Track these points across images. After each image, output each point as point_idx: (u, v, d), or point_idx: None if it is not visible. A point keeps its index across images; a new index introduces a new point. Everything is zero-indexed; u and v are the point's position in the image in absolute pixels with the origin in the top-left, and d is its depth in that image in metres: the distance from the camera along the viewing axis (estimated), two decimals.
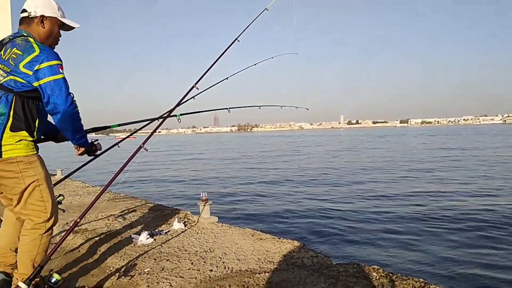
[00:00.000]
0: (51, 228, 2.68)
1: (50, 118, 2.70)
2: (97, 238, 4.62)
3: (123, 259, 3.87)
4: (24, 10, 2.63)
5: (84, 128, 2.87)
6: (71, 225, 2.86)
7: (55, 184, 4.61)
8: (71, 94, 2.55)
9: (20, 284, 2.34)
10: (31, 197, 2.58)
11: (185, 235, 4.67)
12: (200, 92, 4.50)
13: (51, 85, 2.45)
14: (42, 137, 2.83)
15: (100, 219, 5.64)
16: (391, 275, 3.29)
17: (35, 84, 2.45)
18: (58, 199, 3.97)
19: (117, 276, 3.41)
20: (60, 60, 2.54)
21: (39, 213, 2.61)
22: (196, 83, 3.18)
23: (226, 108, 4.67)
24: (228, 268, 3.52)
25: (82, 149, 2.91)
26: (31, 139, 2.56)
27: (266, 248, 4.06)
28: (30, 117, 2.55)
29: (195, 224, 5.18)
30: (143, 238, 4.44)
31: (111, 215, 5.89)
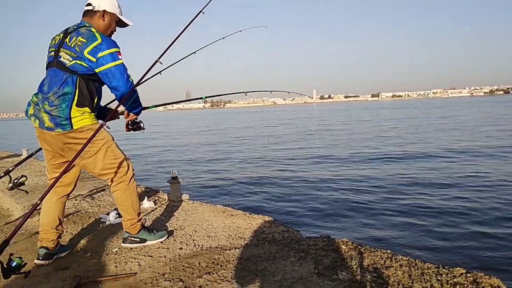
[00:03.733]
0: (132, 176, 3.33)
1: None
2: (64, 219, 4.48)
3: (91, 240, 3.80)
4: (89, 4, 3.03)
5: None
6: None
7: (18, 164, 4.48)
8: (130, 77, 2.96)
9: None
10: (106, 158, 3.09)
11: (155, 214, 4.61)
12: (167, 67, 4.39)
13: (112, 70, 2.85)
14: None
15: (68, 199, 5.49)
16: (359, 247, 3.33)
17: (98, 70, 2.85)
18: (20, 180, 3.83)
19: (84, 257, 3.35)
20: (118, 48, 2.93)
21: (117, 169, 3.17)
22: (159, 58, 3.05)
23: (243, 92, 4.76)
24: (198, 245, 3.49)
25: (132, 116, 3.35)
26: (93, 113, 3.01)
27: (237, 224, 4.06)
28: (91, 95, 2.98)
29: (165, 203, 5.11)
30: (112, 218, 4.36)
31: (79, 195, 5.76)
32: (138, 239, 3.46)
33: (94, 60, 2.82)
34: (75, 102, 2.86)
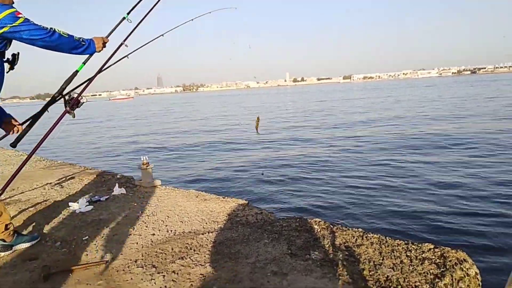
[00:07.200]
0: None
1: None
2: (32, 209, 4.39)
3: (60, 229, 3.70)
4: None
5: None
6: None
7: None
8: (41, 25, 2.68)
9: None
10: None
11: (126, 200, 4.53)
12: (134, 51, 4.27)
13: (19, 28, 2.60)
14: None
15: (35, 188, 5.36)
16: (332, 226, 3.38)
17: (1, 32, 2.59)
18: None
19: (53, 247, 3.27)
20: (15, 8, 2.66)
21: None
22: (124, 40, 2.96)
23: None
24: (171, 231, 3.46)
25: (100, 46, 2.99)
26: None
27: (211, 209, 4.04)
28: None
29: (137, 189, 5.04)
30: (82, 206, 4.27)
31: (48, 183, 5.61)
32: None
33: None
34: None
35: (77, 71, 2.98)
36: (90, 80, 2.93)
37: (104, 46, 3.05)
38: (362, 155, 10.83)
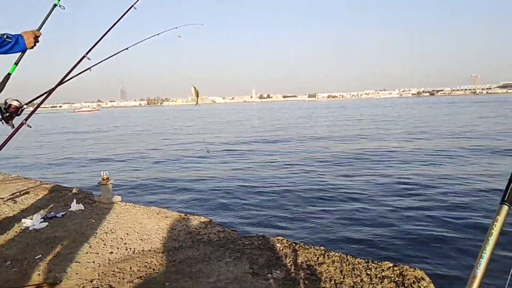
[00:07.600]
0: None
1: None
2: None
3: (12, 247, 3.53)
4: None
5: None
6: None
7: None
8: None
9: None
10: None
11: (84, 217, 4.38)
12: (97, 63, 4.19)
13: None
14: None
15: None
16: (294, 244, 3.38)
17: None
18: None
19: (3, 266, 3.10)
20: None
21: None
22: (87, 53, 2.90)
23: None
24: (130, 249, 3.36)
25: (31, 42, 2.57)
26: None
27: (172, 226, 3.96)
28: None
29: (96, 205, 4.88)
30: (36, 222, 4.09)
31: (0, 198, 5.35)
32: None
33: None
34: None
35: (9, 74, 2.70)
36: (49, 92, 2.83)
37: (37, 41, 2.66)
38: (322, 170, 10.99)
